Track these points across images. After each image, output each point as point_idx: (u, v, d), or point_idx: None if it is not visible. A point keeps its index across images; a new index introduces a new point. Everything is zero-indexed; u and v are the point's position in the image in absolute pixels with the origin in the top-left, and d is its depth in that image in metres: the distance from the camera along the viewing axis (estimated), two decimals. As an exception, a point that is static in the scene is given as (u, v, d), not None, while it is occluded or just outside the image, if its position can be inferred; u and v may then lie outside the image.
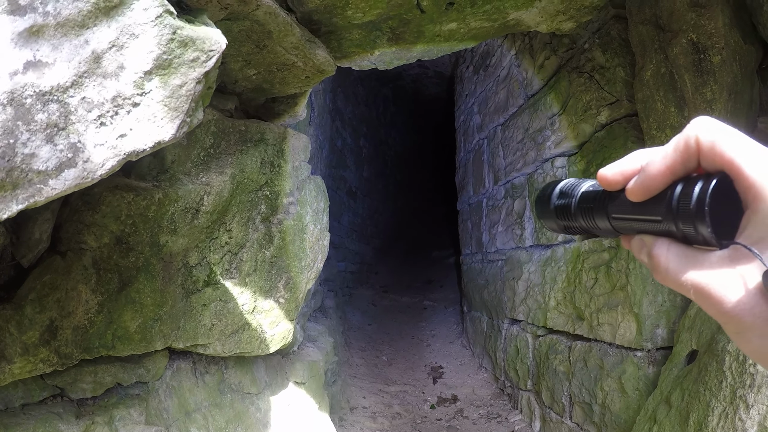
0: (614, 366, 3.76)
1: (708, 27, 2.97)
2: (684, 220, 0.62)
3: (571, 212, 0.84)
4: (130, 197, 2.45)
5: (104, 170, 1.46)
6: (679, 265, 0.64)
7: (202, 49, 1.64)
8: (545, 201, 0.91)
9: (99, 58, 1.44)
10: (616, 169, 0.72)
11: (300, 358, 4.27)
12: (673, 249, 0.66)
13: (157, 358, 2.86)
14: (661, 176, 0.64)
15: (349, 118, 10.80)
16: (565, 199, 0.85)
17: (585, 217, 0.81)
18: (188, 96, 1.61)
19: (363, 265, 11.36)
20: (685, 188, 0.61)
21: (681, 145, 0.63)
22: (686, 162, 0.63)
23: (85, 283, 2.39)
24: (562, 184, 0.88)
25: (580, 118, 4.34)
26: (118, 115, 1.49)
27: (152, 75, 1.54)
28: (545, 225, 0.93)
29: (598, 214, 0.78)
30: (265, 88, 3.03)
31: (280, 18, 2.48)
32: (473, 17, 3.06)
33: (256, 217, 2.99)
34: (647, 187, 0.66)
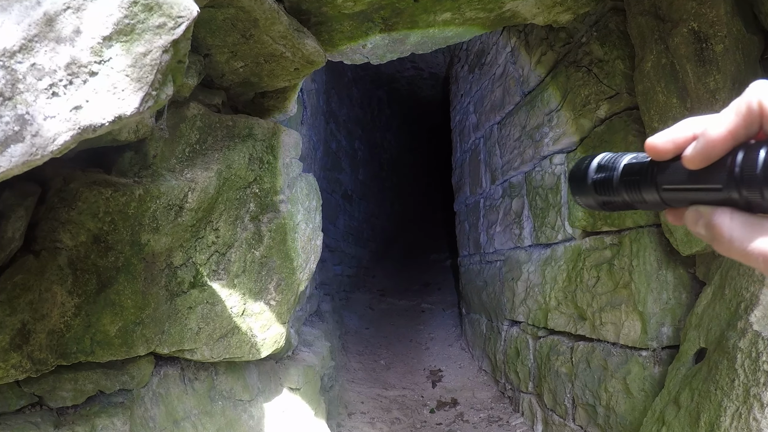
0: (618, 366, 3.67)
1: (709, 15, 2.90)
2: (749, 187, 0.57)
3: (613, 186, 0.78)
4: (108, 193, 2.34)
5: (56, 146, 1.33)
6: (745, 234, 0.60)
7: (170, 14, 1.51)
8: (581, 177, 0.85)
9: (52, 21, 1.31)
10: (667, 137, 0.68)
11: (295, 363, 4.18)
12: (737, 217, 0.61)
13: (141, 364, 2.75)
14: (723, 141, 0.60)
15: (343, 120, 10.77)
16: (606, 172, 0.80)
17: (629, 190, 0.76)
18: (153, 66, 1.48)
19: (359, 268, 11.33)
20: (749, 153, 0.57)
21: (743, 109, 0.58)
22: (748, 126, 0.59)
23: (61, 284, 2.28)
24: (600, 158, 0.82)
25: (579, 114, 4.26)
26: (72, 85, 1.35)
27: (112, 41, 1.41)
28: (580, 201, 0.87)
29: (646, 186, 0.73)
30: (254, 81, 2.93)
31: (266, 5, 2.38)
32: (468, 7, 2.97)
33: (244, 215, 2.89)
34: (708, 153, 0.61)
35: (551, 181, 4.85)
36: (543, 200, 5.03)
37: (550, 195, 4.87)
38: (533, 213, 5.31)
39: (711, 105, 2.87)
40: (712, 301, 2.95)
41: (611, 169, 0.79)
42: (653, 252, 3.41)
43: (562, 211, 4.62)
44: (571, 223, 4.42)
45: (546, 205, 4.96)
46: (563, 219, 4.59)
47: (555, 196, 4.78)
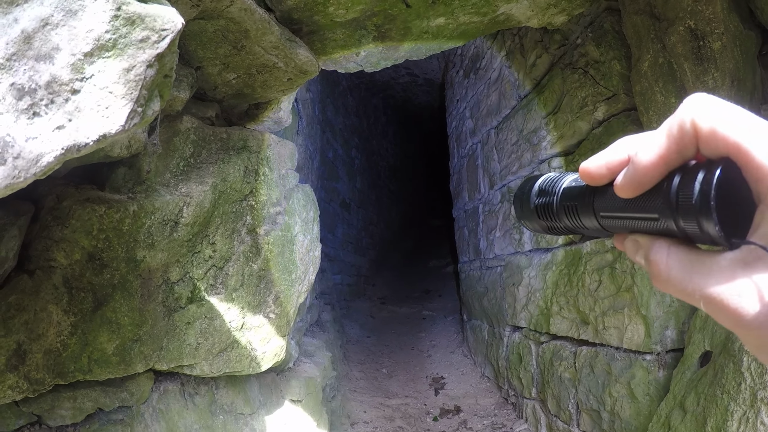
0: (622, 371, 3.64)
1: (706, 12, 2.88)
2: (685, 217, 0.53)
3: (553, 211, 0.76)
4: (101, 210, 2.31)
5: (39, 168, 1.29)
6: (684, 272, 0.56)
7: (153, 28, 1.47)
8: (524, 200, 0.82)
9: (30, 38, 1.27)
10: (599, 161, 0.64)
11: (296, 375, 4.15)
12: (675, 252, 0.57)
13: (141, 381, 2.72)
14: (654, 168, 0.56)
15: (339, 129, 10.77)
16: (546, 197, 0.77)
17: (570, 216, 0.73)
18: (138, 81, 1.44)
19: (359, 277, 11.31)
20: (685, 179, 0.53)
21: (675, 130, 0.54)
22: (682, 149, 0.54)
23: (56, 303, 2.25)
24: (542, 180, 0.80)
25: (576, 116, 4.24)
26: (54, 104, 1.31)
27: (94, 57, 1.37)
28: (526, 226, 0.85)
29: (584, 212, 0.70)
30: (247, 93, 2.90)
31: (256, 15, 2.35)
32: (461, 11, 2.95)
33: (241, 228, 2.86)
34: (638, 181, 0.58)
35: (550, 185, 4.82)
36: (542, 204, 5.00)
37: (549, 199, 4.84)
38: (533, 217, 5.28)
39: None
40: (717, 303, 2.91)
41: (551, 194, 0.76)
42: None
43: (562, 215, 4.59)
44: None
45: (545, 209, 4.93)
46: (563, 223, 4.56)
47: (554, 200, 4.75)
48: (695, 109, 0.52)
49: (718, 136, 0.51)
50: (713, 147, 0.52)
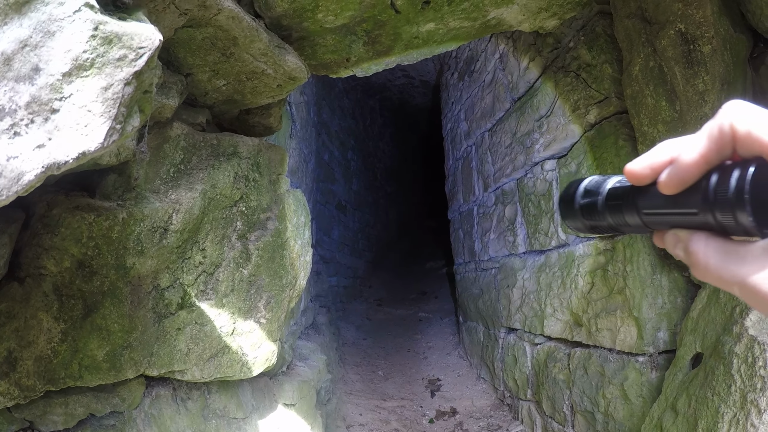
0: (616, 372, 3.65)
1: (696, 16, 2.89)
2: (722, 210, 0.59)
3: (597, 210, 0.82)
4: (91, 218, 2.31)
5: (21, 186, 1.30)
6: (720, 261, 0.61)
7: (130, 46, 1.47)
8: (569, 201, 0.88)
9: (10, 60, 1.28)
10: (644, 162, 0.69)
11: (289, 379, 4.15)
12: (712, 243, 0.63)
13: (132, 386, 2.73)
14: (696, 166, 0.61)
15: (335, 131, 10.77)
16: (591, 197, 0.83)
17: (613, 214, 0.79)
18: (116, 99, 1.45)
19: (355, 279, 11.32)
20: (722, 177, 0.59)
21: (715, 133, 0.60)
22: (721, 150, 0.60)
23: (46, 311, 2.25)
24: (587, 182, 0.85)
25: (569, 119, 4.25)
26: (34, 123, 1.32)
27: (72, 77, 1.37)
28: (570, 225, 0.90)
29: (628, 210, 0.75)
30: (237, 99, 2.91)
31: (244, 23, 2.36)
32: (451, 16, 2.95)
33: (231, 234, 2.86)
34: (681, 178, 0.63)
35: (543, 188, 4.84)
36: (536, 207, 5.02)
37: (543, 201, 4.86)
38: (526, 220, 5.29)
39: (700, 107, 2.85)
40: (708, 305, 2.93)
41: (596, 194, 0.81)
42: (647, 256, 3.40)
43: (555, 218, 4.61)
44: (564, 229, 4.40)
45: (539, 211, 4.95)
46: (556, 225, 4.58)
47: (547, 202, 4.76)
48: (734, 113, 0.58)
49: (753, 137, 0.56)
50: (749, 148, 0.57)
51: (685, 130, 2.92)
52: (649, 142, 3.17)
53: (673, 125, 3.01)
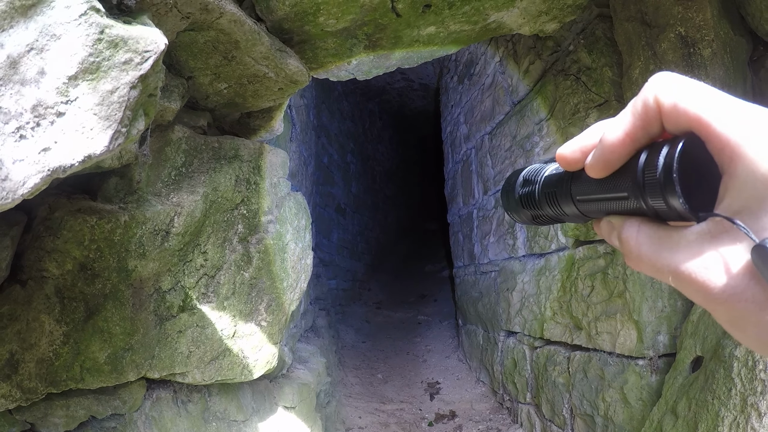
0: (615, 376, 3.65)
1: (696, 19, 2.89)
2: (652, 193, 0.54)
3: (536, 200, 0.77)
4: (93, 221, 2.32)
5: (26, 189, 1.30)
6: (653, 248, 0.57)
7: (136, 50, 1.47)
8: (510, 191, 0.84)
9: (16, 63, 1.28)
10: (574, 145, 0.66)
11: (289, 382, 4.15)
12: (644, 229, 0.58)
13: (133, 389, 2.73)
14: (621, 145, 0.57)
15: (335, 134, 10.77)
16: (529, 186, 0.79)
17: (550, 203, 0.74)
18: (122, 103, 1.45)
19: (355, 281, 11.31)
20: (650, 156, 0.54)
21: (639, 108, 0.55)
22: (647, 127, 0.55)
23: (48, 313, 2.26)
24: (526, 171, 0.82)
25: (569, 122, 4.25)
26: (40, 127, 1.32)
27: (78, 80, 1.37)
28: (513, 217, 0.86)
29: (563, 198, 0.71)
30: (238, 102, 2.91)
31: (246, 26, 2.36)
32: (452, 20, 2.96)
33: (233, 237, 2.86)
34: (606, 160, 0.59)
35: (543, 191, 4.83)
36: (535, 210, 5.01)
37: (543, 204, 4.86)
38: (526, 223, 5.29)
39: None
40: (707, 309, 2.92)
41: (534, 183, 0.77)
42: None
43: (555, 221, 4.61)
44: (564, 233, 4.40)
45: (538, 214, 4.94)
46: (556, 228, 4.58)
47: (547, 205, 4.76)
48: (658, 86, 0.54)
49: (679, 110, 0.51)
50: (676, 122, 0.53)
51: (685, 134, 2.92)
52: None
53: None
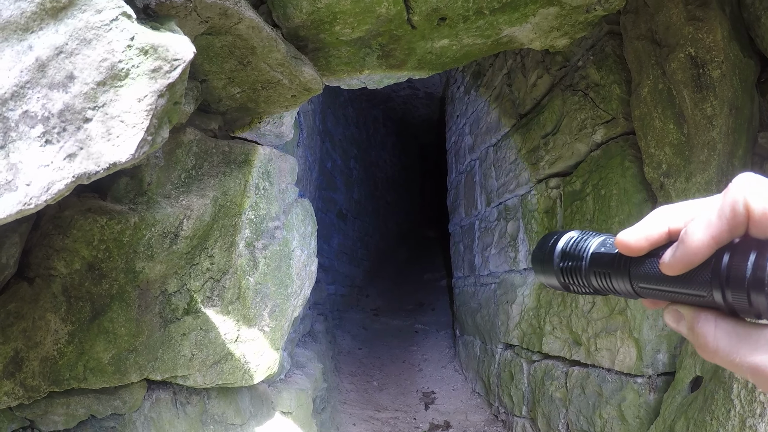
0: (613, 393, 3.65)
1: (706, 40, 2.91)
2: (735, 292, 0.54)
3: (581, 275, 0.76)
4: (103, 221, 2.33)
5: (50, 195, 1.30)
6: (731, 344, 0.57)
7: (165, 57, 1.47)
8: (545, 260, 0.82)
9: (44, 66, 1.28)
10: (639, 234, 0.65)
11: (287, 387, 4.15)
12: (722, 325, 0.58)
13: (134, 389, 2.73)
14: (706, 248, 0.57)
15: (339, 139, 10.78)
16: (572, 261, 0.77)
17: (601, 281, 0.73)
18: (149, 111, 1.45)
19: (353, 287, 11.29)
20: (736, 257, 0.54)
21: (727, 212, 0.55)
22: (733, 231, 0.55)
23: (54, 312, 2.26)
24: (564, 243, 0.80)
25: (575, 137, 4.26)
26: (66, 132, 1.32)
27: (106, 86, 1.37)
28: (543, 281, 0.84)
29: (618, 279, 0.70)
30: (251, 107, 2.92)
31: (263, 33, 2.37)
32: (466, 33, 2.97)
33: (240, 242, 2.87)
34: (688, 261, 0.58)
35: (547, 205, 4.85)
36: (538, 223, 5.02)
37: (546, 218, 4.87)
38: (528, 236, 5.30)
39: (708, 131, 2.87)
40: (708, 330, 2.93)
41: (578, 258, 0.76)
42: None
43: (558, 235, 4.61)
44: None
45: (542, 228, 4.95)
46: (559, 243, 4.57)
47: (551, 219, 4.77)
48: (748, 191, 0.54)
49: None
50: (764, 228, 0.53)
51: (692, 154, 2.93)
52: (655, 164, 3.18)
53: (680, 148, 3.02)
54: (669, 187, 3.06)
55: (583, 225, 4.09)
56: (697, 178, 2.91)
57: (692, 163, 2.94)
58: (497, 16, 2.89)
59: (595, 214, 3.93)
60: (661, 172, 3.13)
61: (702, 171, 2.89)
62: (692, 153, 2.95)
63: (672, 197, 3.02)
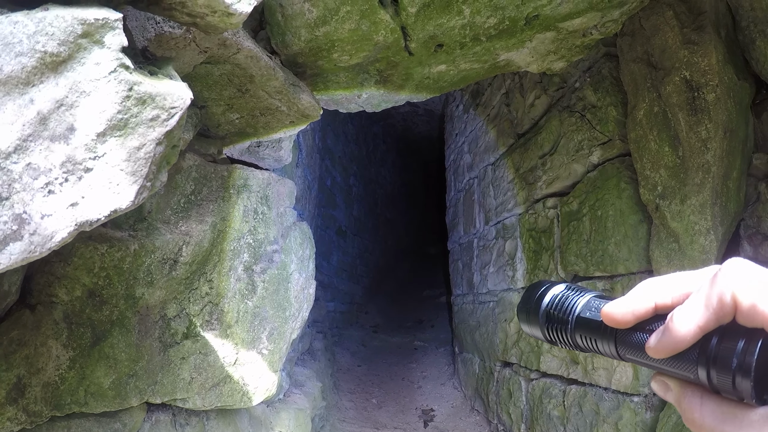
0: (611, 411, 3.66)
1: (701, 64, 2.94)
2: (721, 374, 0.57)
3: (567, 336, 0.78)
4: (103, 249, 2.35)
5: (54, 243, 1.33)
6: (716, 422, 0.59)
7: (163, 106, 1.50)
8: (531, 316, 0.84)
9: (46, 119, 1.31)
10: (625, 308, 0.67)
11: (286, 407, 4.16)
12: (707, 403, 0.60)
13: (134, 412, 2.75)
14: (692, 337, 0.59)
15: (339, 156, 10.79)
16: (557, 323, 0.79)
17: (586, 343, 0.75)
18: (147, 159, 1.48)
19: (352, 304, 11.27)
20: (725, 342, 0.57)
21: (714, 303, 0.57)
22: (720, 319, 0.57)
23: (56, 338, 2.29)
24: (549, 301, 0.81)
25: (572, 158, 4.29)
26: (68, 182, 1.35)
27: (106, 137, 1.40)
28: (527, 332, 0.87)
29: (604, 345, 0.72)
30: (249, 132, 2.95)
31: (262, 62, 2.40)
32: (463, 59, 3.00)
33: (238, 266, 2.89)
34: (675, 348, 0.61)
35: (544, 224, 4.87)
36: (536, 243, 5.04)
37: (543, 238, 4.89)
38: (526, 255, 5.31)
39: (702, 154, 2.89)
40: (704, 351, 2.94)
41: (563, 321, 0.78)
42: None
43: (555, 255, 4.63)
44: (563, 267, 4.43)
45: (539, 247, 4.97)
46: (556, 263, 4.60)
47: (548, 239, 4.79)
48: (736, 283, 0.56)
49: (758, 311, 0.54)
50: (751, 320, 0.55)
51: (687, 176, 2.96)
52: (651, 186, 3.20)
53: (675, 171, 3.04)
54: (664, 209, 3.09)
55: (579, 245, 4.10)
56: (692, 200, 2.93)
57: (687, 185, 2.96)
58: (494, 42, 2.92)
59: (592, 234, 3.95)
60: (657, 194, 3.16)
61: (697, 193, 2.92)
62: (687, 175, 2.97)
63: (667, 219, 3.05)
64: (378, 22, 2.60)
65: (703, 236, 2.88)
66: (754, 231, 2.94)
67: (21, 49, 1.27)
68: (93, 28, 1.36)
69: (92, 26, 1.36)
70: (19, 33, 1.26)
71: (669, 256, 3.07)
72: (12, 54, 1.25)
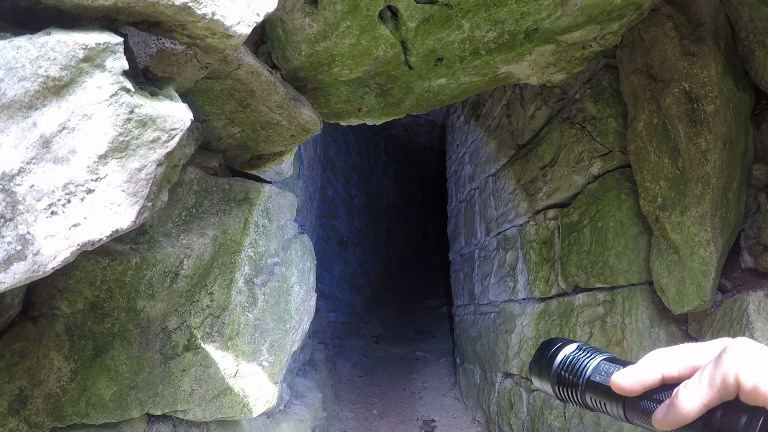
0: (611, 422, 3.67)
1: (701, 75, 2.95)
2: None
3: (577, 396, 0.81)
4: (105, 262, 2.37)
5: (56, 263, 1.36)
6: None
7: (163, 128, 1.52)
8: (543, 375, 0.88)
9: (48, 142, 1.33)
10: (633, 378, 0.70)
11: (286, 418, 4.17)
12: None
13: (134, 423, 2.75)
14: (696, 413, 0.63)
15: (340, 167, 10.82)
16: (569, 385, 0.83)
17: (595, 403, 0.79)
18: (148, 180, 1.50)
19: (354, 315, 11.27)
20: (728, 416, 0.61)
21: (718, 383, 0.61)
22: (723, 398, 0.61)
23: (58, 350, 2.30)
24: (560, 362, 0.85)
25: (573, 170, 4.30)
26: (70, 203, 1.38)
27: (108, 159, 1.42)
28: (537, 387, 0.91)
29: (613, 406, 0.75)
30: (250, 145, 2.97)
31: (263, 77, 2.42)
32: (463, 72, 3.02)
33: (239, 278, 2.90)
34: (680, 423, 0.64)
35: (545, 236, 4.88)
36: (537, 254, 5.06)
37: (544, 249, 4.90)
38: (527, 266, 5.33)
39: (702, 165, 2.90)
40: (704, 363, 2.94)
41: (574, 384, 0.81)
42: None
43: (556, 266, 4.64)
44: (564, 278, 4.44)
45: (540, 259, 4.98)
46: (557, 274, 4.61)
47: (549, 250, 4.80)
48: (739, 365, 0.59)
49: (759, 392, 0.57)
50: (753, 399, 0.58)
51: (687, 188, 2.97)
52: (651, 197, 3.22)
53: (675, 182, 3.06)
54: (664, 221, 3.10)
55: (580, 256, 4.12)
56: (692, 211, 2.94)
57: (687, 196, 2.98)
58: (494, 56, 2.94)
59: (592, 246, 3.96)
60: (657, 206, 3.17)
61: (696, 205, 2.93)
62: (687, 187, 2.98)
63: (667, 230, 3.06)
64: (378, 37, 2.61)
65: (703, 247, 2.89)
66: (755, 241, 2.95)
67: (24, 74, 1.29)
68: (94, 53, 1.38)
69: (93, 50, 1.38)
70: (22, 58, 1.28)
71: (669, 268, 3.08)
72: (15, 78, 1.27)
